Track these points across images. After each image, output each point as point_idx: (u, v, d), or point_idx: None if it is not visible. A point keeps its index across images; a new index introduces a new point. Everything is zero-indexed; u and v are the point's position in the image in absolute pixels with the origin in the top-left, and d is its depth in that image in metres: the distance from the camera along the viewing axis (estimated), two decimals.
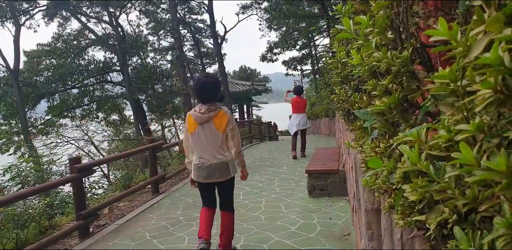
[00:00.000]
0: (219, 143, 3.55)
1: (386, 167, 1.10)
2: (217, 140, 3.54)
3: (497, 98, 0.53)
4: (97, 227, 5.23)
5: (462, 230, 0.77)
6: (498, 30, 0.52)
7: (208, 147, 3.55)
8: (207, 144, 3.55)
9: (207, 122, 3.53)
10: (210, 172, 3.57)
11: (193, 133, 3.58)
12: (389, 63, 1.04)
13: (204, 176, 3.60)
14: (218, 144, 3.55)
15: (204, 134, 3.53)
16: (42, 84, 19.68)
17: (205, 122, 3.53)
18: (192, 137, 3.60)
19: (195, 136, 3.57)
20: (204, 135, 3.54)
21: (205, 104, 3.57)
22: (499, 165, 0.52)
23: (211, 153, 3.55)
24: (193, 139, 3.59)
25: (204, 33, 29.92)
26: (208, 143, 3.54)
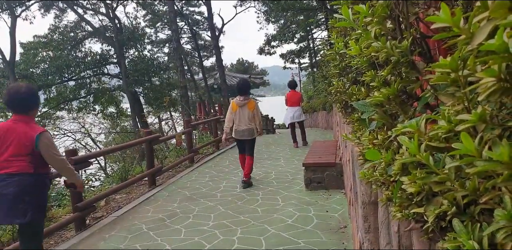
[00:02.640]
0: (249, 118, 6.23)
1: (384, 159, 1.09)
2: (248, 116, 6.23)
3: (501, 87, 0.52)
4: (93, 219, 5.23)
5: (461, 222, 0.76)
6: (502, 16, 0.50)
7: (243, 119, 6.23)
8: (242, 118, 6.23)
9: (243, 106, 6.25)
10: (243, 134, 6.25)
11: (235, 112, 6.27)
12: (388, 53, 1.02)
13: (240, 135, 6.29)
14: (248, 118, 6.23)
15: (241, 112, 6.24)
16: (38, 76, 19.55)
17: (242, 106, 6.25)
18: (234, 114, 6.26)
19: (236, 113, 6.25)
20: (241, 113, 6.24)
21: (242, 95, 6.29)
22: (502, 156, 0.51)
23: (244, 123, 6.23)
24: (235, 115, 6.25)
25: (201, 26, 29.70)
26: (243, 117, 6.22)
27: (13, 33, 18.28)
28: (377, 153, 1.07)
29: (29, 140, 3.02)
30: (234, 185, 6.42)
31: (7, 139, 3.02)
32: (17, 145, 3.01)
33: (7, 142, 3.01)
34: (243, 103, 6.21)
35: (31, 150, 3.03)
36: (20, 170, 2.98)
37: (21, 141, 3.01)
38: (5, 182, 2.94)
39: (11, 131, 3.04)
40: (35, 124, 3.22)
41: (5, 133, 3.03)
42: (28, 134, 3.03)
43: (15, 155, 3.00)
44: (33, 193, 3.02)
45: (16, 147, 3.00)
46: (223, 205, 5.23)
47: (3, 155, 3.00)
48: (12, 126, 3.07)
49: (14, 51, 18.32)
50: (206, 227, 4.40)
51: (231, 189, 6.12)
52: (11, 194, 2.92)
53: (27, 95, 3.14)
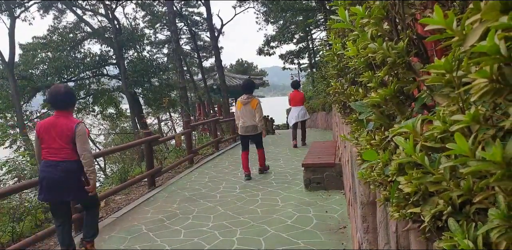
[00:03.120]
0: (252, 115, 6.78)
1: (381, 159, 1.09)
2: (251, 113, 6.78)
3: (493, 88, 0.52)
4: None
5: (457, 222, 0.77)
6: (494, 18, 0.51)
7: (247, 116, 6.79)
8: (246, 115, 6.79)
9: (246, 104, 6.80)
10: (248, 130, 6.82)
11: (240, 110, 6.85)
12: (384, 54, 1.02)
13: (244, 131, 6.86)
14: (252, 115, 6.78)
15: (245, 110, 6.80)
16: (37, 77, 19.54)
17: (246, 104, 6.80)
18: (239, 111, 6.85)
19: (241, 110, 6.84)
20: (245, 110, 6.80)
21: (246, 94, 6.91)
22: (494, 156, 0.52)
23: (248, 120, 6.79)
24: (240, 112, 6.84)
25: (200, 27, 29.68)
26: (247, 114, 6.79)
27: (12, 34, 18.29)
28: (374, 154, 1.07)
29: (70, 130, 3.60)
30: (233, 185, 6.42)
31: (53, 131, 3.60)
32: (62, 136, 3.59)
33: (53, 134, 3.59)
34: (246, 102, 6.81)
35: (73, 139, 3.60)
36: (66, 158, 3.59)
37: (64, 133, 3.59)
38: (55, 167, 3.56)
39: (55, 125, 3.62)
40: (73, 118, 3.81)
41: (51, 127, 3.62)
42: (69, 126, 3.61)
43: (61, 145, 3.59)
44: (77, 176, 3.64)
45: (61, 138, 3.59)
46: (222, 206, 5.24)
47: (52, 145, 3.59)
48: (55, 121, 3.65)
49: (13, 52, 18.31)
50: (206, 228, 4.40)
51: (230, 190, 6.13)
52: (61, 177, 3.55)
53: (66, 95, 3.73)
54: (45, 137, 3.61)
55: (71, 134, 3.58)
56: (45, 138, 3.62)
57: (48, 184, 3.58)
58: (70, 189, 3.61)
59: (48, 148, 3.61)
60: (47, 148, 3.62)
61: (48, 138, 3.60)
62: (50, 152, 3.61)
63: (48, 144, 3.61)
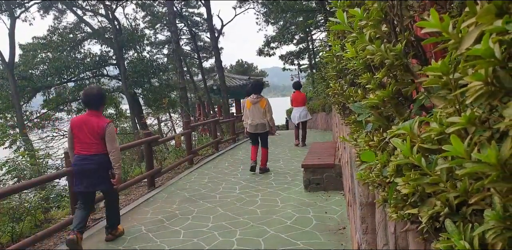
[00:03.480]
0: (261, 114, 7.12)
1: (379, 161, 1.10)
2: (260, 112, 7.12)
3: (488, 90, 0.53)
4: (93, 220, 5.23)
5: (454, 223, 0.78)
6: (489, 22, 0.52)
7: (256, 115, 7.12)
8: (255, 114, 7.13)
9: (256, 103, 7.14)
10: (257, 128, 7.13)
11: (249, 109, 7.16)
12: (382, 56, 1.03)
13: (253, 129, 7.17)
14: (261, 114, 7.12)
15: (254, 109, 7.13)
16: (37, 78, 19.55)
17: (255, 103, 7.14)
18: (249, 110, 7.16)
19: (250, 110, 7.16)
20: (254, 109, 7.13)
21: (255, 94, 7.26)
22: (489, 157, 0.52)
23: (257, 118, 7.12)
24: (249, 111, 7.15)
25: (201, 27, 29.69)
26: (256, 113, 7.12)
27: (12, 34, 18.29)
28: (372, 155, 1.08)
29: (101, 128, 4.02)
30: (233, 186, 6.43)
31: (85, 128, 4.02)
32: (93, 132, 4.01)
33: (85, 130, 4.02)
34: (256, 101, 7.19)
35: (103, 136, 4.03)
36: (97, 152, 4.03)
37: (95, 130, 4.01)
38: (87, 161, 4.00)
39: (87, 122, 4.05)
40: (103, 117, 4.29)
41: (83, 124, 4.05)
42: (100, 124, 4.04)
43: (92, 140, 4.02)
44: (106, 168, 4.11)
45: (92, 134, 4.01)
46: (222, 206, 5.24)
47: (84, 140, 4.02)
48: (88, 118, 4.09)
49: (13, 53, 18.31)
50: (205, 229, 4.41)
51: (230, 190, 6.13)
52: (92, 169, 4.00)
53: (98, 96, 4.18)
54: (77, 132, 4.05)
55: (102, 131, 4.02)
56: (77, 134, 4.05)
57: (81, 175, 4.05)
58: (102, 180, 4.09)
59: (80, 143, 4.04)
60: (79, 142, 4.06)
61: (80, 133, 4.03)
62: (83, 146, 4.04)
63: (81, 139, 4.04)
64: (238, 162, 8.88)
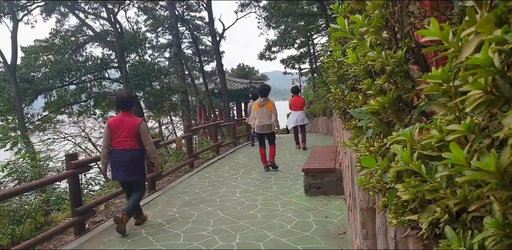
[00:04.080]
0: (267, 115, 7.73)
1: (379, 166, 1.10)
2: (267, 114, 7.73)
3: (487, 99, 0.54)
4: (93, 223, 5.23)
5: (454, 229, 0.78)
6: (488, 31, 0.52)
7: (263, 116, 7.73)
8: (262, 115, 7.74)
9: (262, 106, 7.75)
10: (263, 128, 7.76)
11: (257, 111, 7.79)
12: (383, 62, 1.04)
13: (260, 129, 7.80)
14: (267, 116, 7.73)
15: (261, 111, 7.76)
16: (39, 80, 19.56)
17: (262, 106, 7.76)
18: (256, 112, 7.79)
19: (258, 112, 7.78)
20: (261, 111, 7.76)
21: (262, 97, 7.86)
22: (488, 165, 0.53)
23: (264, 119, 7.73)
24: (257, 113, 7.79)
25: (202, 31, 29.81)
26: (263, 115, 7.74)
27: (14, 37, 18.35)
28: (373, 160, 1.08)
29: (135, 126, 4.63)
30: (233, 190, 6.42)
31: (121, 126, 4.61)
32: (128, 130, 4.60)
33: (120, 129, 4.60)
34: (262, 104, 7.78)
35: (137, 133, 4.63)
36: (131, 147, 4.62)
37: (130, 128, 4.61)
38: (123, 155, 4.59)
39: (123, 122, 4.64)
40: (135, 116, 4.87)
41: (119, 123, 4.63)
42: (134, 123, 4.66)
43: (127, 137, 4.60)
44: (139, 162, 4.72)
45: (127, 132, 4.60)
46: (222, 210, 5.23)
47: (120, 137, 4.60)
48: (122, 118, 4.69)
49: (16, 55, 18.36)
50: (205, 232, 4.40)
51: (230, 194, 6.13)
52: (127, 162, 4.58)
53: (128, 98, 4.80)
54: (114, 131, 4.62)
55: (136, 129, 4.63)
56: (114, 132, 4.62)
57: (117, 167, 4.64)
58: (134, 171, 4.66)
59: (117, 139, 4.60)
60: (116, 139, 4.62)
61: (117, 132, 4.61)
62: (119, 143, 4.60)
63: (117, 136, 4.60)
64: (239, 165, 8.87)
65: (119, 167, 4.64)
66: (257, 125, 7.79)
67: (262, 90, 8.05)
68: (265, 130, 7.78)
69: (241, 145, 13.19)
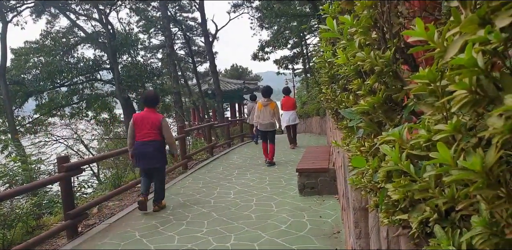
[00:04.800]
0: (270, 115, 8.45)
1: (370, 166, 1.11)
2: (270, 113, 8.45)
3: (473, 99, 0.54)
4: (86, 226, 5.19)
5: (443, 228, 0.78)
6: (472, 31, 0.53)
7: (266, 116, 8.42)
8: (265, 114, 8.42)
9: (266, 106, 8.45)
10: (267, 126, 8.43)
11: (261, 110, 8.46)
12: (372, 63, 1.04)
13: (264, 127, 8.45)
14: (270, 115, 8.45)
15: (265, 110, 8.42)
16: (30, 82, 19.37)
17: (266, 106, 8.44)
18: (260, 111, 8.46)
19: (262, 111, 8.46)
20: (265, 110, 8.42)
21: (265, 98, 8.63)
22: (474, 165, 0.53)
23: (267, 118, 8.42)
24: (260, 112, 8.45)
25: (195, 32, 29.75)
26: (266, 114, 8.42)
27: (4, 38, 18.17)
28: (363, 160, 1.09)
29: (158, 121, 5.34)
30: (228, 191, 6.41)
31: (145, 121, 5.29)
32: (151, 124, 5.28)
33: (145, 123, 5.28)
34: (266, 104, 8.50)
35: (159, 127, 5.32)
36: (154, 138, 5.30)
37: (153, 122, 5.29)
38: (147, 145, 5.26)
39: (147, 117, 5.33)
40: (158, 113, 5.61)
41: (144, 118, 5.32)
42: (157, 118, 5.36)
43: (150, 130, 5.28)
44: (161, 151, 5.40)
45: (151, 125, 5.28)
46: (216, 211, 5.22)
47: (144, 130, 5.27)
48: (146, 114, 5.37)
49: (5, 57, 18.18)
50: (200, 234, 4.39)
51: (225, 195, 6.11)
52: (151, 151, 5.27)
53: (154, 97, 5.59)
54: (139, 124, 5.29)
55: (159, 124, 5.31)
56: (139, 125, 5.29)
57: (142, 156, 5.29)
58: (156, 160, 5.33)
59: (141, 132, 5.27)
60: (140, 132, 5.28)
61: (141, 125, 5.27)
62: (143, 135, 5.26)
63: (141, 129, 5.27)
64: (233, 166, 8.86)
65: (143, 156, 5.28)
66: (261, 123, 8.48)
67: (266, 91, 8.74)
68: (268, 128, 8.47)
69: (235, 145, 13.17)
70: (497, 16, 0.50)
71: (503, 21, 0.49)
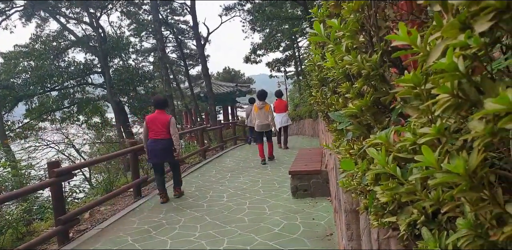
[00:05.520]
0: (266, 116, 9.07)
1: (359, 169, 1.11)
2: (265, 115, 9.07)
3: (455, 102, 0.55)
4: (77, 232, 5.14)
5: (430, 230, 0.79)
6: (454, 36, 0.53)
7: (262, 117, 9.07)
8: (262, 116, 9.06)
9: (262, 108, 9.08)
10: (263, 127, 9.13)
11: (257, 112, 9.13)
12: (359, 66, 1.05)
13: (260, 128, 9.15)
14: (265, 116, 9.06)
15: (261, 112, 9.09)
16: (19, 87, 19.16)
17: (261, 108, 9.09)
18: (256, 113, 9.14)
19: (258, 113, 9.13)
20: (261, 113, 9.09)
21: (261, 101, 9.23)
22: (457, 168, 0.53)
23: (263, 120, 9.08)
24: (257, 114, 9.13)
25: (187, 35, 29.72)
26: (262, 116, 9.07)
27: None
28: (352, 163, 1.09)
29: (167, 121, 6.10)
30: (221, 194, 6.39)
31: (156, 121, 6.07)
32: (162, 124, 6.06)
33: (156, 123, 6.06)
34: (262, 106, 9.21)
35: (168, 126, 6.07)
36: (165, 137, 6.08)
37: (163, 122, 6.07)
38: (158, 142, 6.05)
39: (158, 117, 6.11)
40: (166, 113, 6.39)
41: (155, 119, 6.09)
42: (166, 119, 6.12)
43: (161, 129, 6.05)
44: (170, 147, 6.14)
45: (162, 125, 6.05)
46: (209, 215, 5.20)
47: (156, 129, 6.05)
48: (157, 115, 6.15)
49: None
50: (193, 238, 4.36)
51: (218, 199, 6.10)
52: (162, 148, 6.06)
53: (163, 100, 6.43)
54: (151, 124, 6.06)
55: (167, 123, 6.08)
56: (151, 125, 6.06)
57: (155, 152, 6.05)
58: (168, 154, 6.12)
59: (153, 131, 6.05)
60: (152, 131, 6.05)
61: (153, 125, 6.05)
62: (155, 133, 6.05)
63: (153, 128, 6.05)
64: (226, 169, 8.84)
65: (155, 152, 6.04)
66: (257, 124, 9.22)
67: (261, 95, 9.43)
68: (264, 128, 9.24)
69: (228, 148, 13.15)
70: (476, 21, 0.50)
71: (482, 26, 0.49)
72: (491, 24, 0.51)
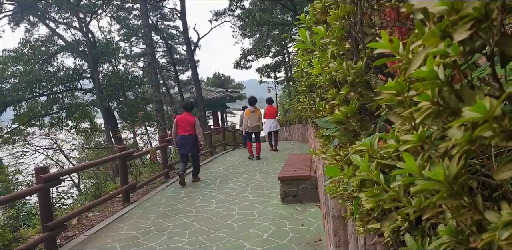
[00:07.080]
0: (257, 119, 10.91)
1: (345, 175, 1.11)
2: (256, 118, 10.88)
3: (436, 110, 0.55)
4: (65, 238, 5.05)
5: (414, 236, 0.79)
6: (434, 44, 0.54)
7: (254, 120, 10.83)
8: (253, 119, 10.81)
9: (253, 112, 10.86)
10: (254, 128, 10.89)
11: (249, 116, 10.84)
12: (344, 73, 1.06)
13: (251, 130, 10.89)
14: (256, 119, 10.88)
15: (252, 116, 10.84)
16: (8, 92, 18.88)
17: (253, 112, 10.86)
18: (248, 117, 10.82)
19: (250, 116, 10.82)
20: (252, 116, 10.84)
21: (252, 106, 10.98)
22: (437, 175, 0.54)
23: (254, 122, 10.83)
24: (249, 118, 10.82)
25: (177, 40, 29.70)
26: (253, 119, 10.82)
27: None
28: (337, 170, 1.09)
29: (193, 121, 7.75)
30: (210, 200, 6.35)
31: (184, 121, 7.71)
32: (189, 123, 7.71)
33: (185, 122, 7.70)
34: (253, 110, 10.82)
35: (194, 125, 7.70)
36: (191, 133, 7.70)
37: (190, 122, 7.72)
38: (185, 138, 7.69)
39: (186, 118, 7.77)
40: (192, 115, 7.96)
41: (183, 119, 7.75)
42: (192, 119, 7.77)
43: (188, 127, 7.67)
44: (196, 142, 7.79)
45: (189, 124, 7.70)
46: (198, 221, 5.17)
47: (184, 127, 7.68)
48: (185, 116, 7.83)
49: None
50: (181, 244, 4.33)
51: (207, 205, 6.06)
52: (190, 142, 7.71)
53: (190, 104, 8.36)
54: (180, 123, 7.70)
55: (193, 123, 7.73)
56: (180, 124, 7.70)
57: (183, 145, 7.71)
58: (192, 147, 7.76)
59: (182, 128, 7.68)
60: (182, 128, 7.67)
61: (182, 123, 7.70)
62: (183, 130, 7.67)
63: (182, 126, 7.68)
64: (215, 175, 8.81)
65: (184, 145, 7.71)
66: (249, 126, 10.82)
67: (252, 100, 11.06)
68: (254, 130, 10.85)
69: (217, 154, 13.10)
70: (455, 30, 0.51)
71: (461, 35, 0.50)
72: (470, 33, 0.52)
